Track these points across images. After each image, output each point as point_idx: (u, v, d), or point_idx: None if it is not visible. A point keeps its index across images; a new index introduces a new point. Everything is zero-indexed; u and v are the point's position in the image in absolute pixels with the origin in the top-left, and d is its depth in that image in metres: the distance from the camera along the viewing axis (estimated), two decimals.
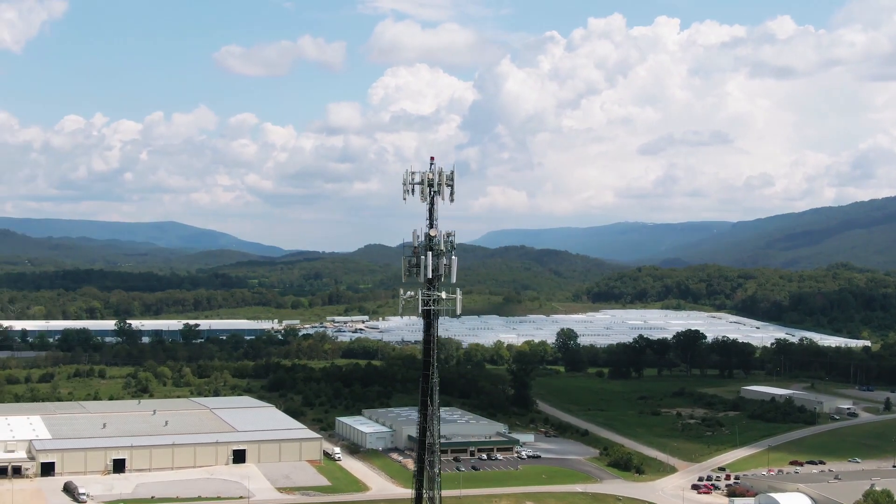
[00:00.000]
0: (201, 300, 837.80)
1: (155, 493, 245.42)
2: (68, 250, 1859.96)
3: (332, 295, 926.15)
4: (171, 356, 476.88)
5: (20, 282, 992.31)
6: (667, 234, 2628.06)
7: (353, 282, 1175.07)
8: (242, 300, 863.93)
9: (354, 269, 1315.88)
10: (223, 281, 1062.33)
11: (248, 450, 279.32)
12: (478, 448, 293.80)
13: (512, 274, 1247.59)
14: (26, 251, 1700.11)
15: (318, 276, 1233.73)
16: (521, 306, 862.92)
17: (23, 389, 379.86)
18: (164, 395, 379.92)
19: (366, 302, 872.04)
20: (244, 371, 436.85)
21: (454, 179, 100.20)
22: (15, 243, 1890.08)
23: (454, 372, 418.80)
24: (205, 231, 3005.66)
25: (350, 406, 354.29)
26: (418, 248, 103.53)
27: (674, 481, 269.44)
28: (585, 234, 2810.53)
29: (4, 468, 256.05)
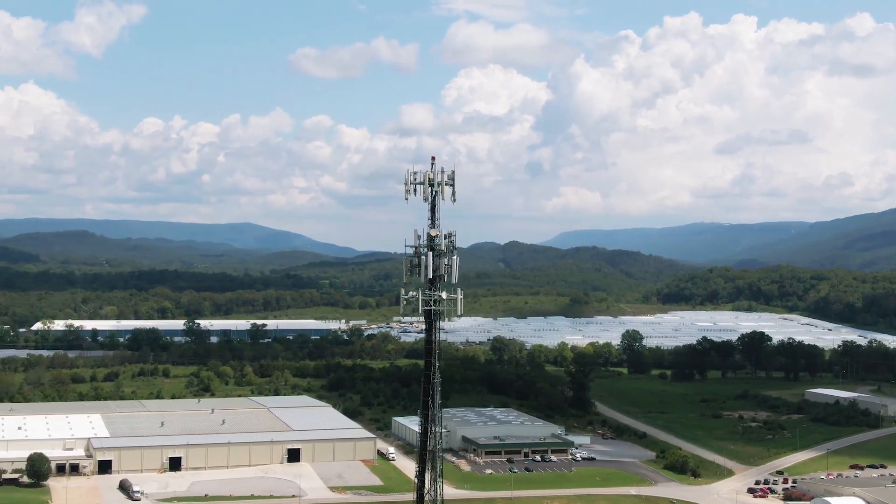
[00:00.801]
0: (270, 300, 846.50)
1: (209, 491, 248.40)
2: (146, 251, 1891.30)
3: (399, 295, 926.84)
4: (236, 356, 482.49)
5: (96, 282, 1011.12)
6: (743, 235, 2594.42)
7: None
8: (311, 300, 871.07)
9: None
10: (294, 282, 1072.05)
11: (303, 449, 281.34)
12: (532, 449, 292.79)
13: (582, 275, 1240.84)
14: (104, 252, 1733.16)
15: (388, 277, 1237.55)
16: (588, 307, 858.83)
17: (87, 388, 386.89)
18: (225, 394, 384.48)
19: None
20: (305, 370, 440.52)
21: (455, 179, 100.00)
22: (94, 244, 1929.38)
23: (512, 373, 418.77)
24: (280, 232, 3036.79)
25: (407, 406, 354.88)
26: (418, 247, 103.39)
27: (730, 485, 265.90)
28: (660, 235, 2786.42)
29: (63, 466, 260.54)
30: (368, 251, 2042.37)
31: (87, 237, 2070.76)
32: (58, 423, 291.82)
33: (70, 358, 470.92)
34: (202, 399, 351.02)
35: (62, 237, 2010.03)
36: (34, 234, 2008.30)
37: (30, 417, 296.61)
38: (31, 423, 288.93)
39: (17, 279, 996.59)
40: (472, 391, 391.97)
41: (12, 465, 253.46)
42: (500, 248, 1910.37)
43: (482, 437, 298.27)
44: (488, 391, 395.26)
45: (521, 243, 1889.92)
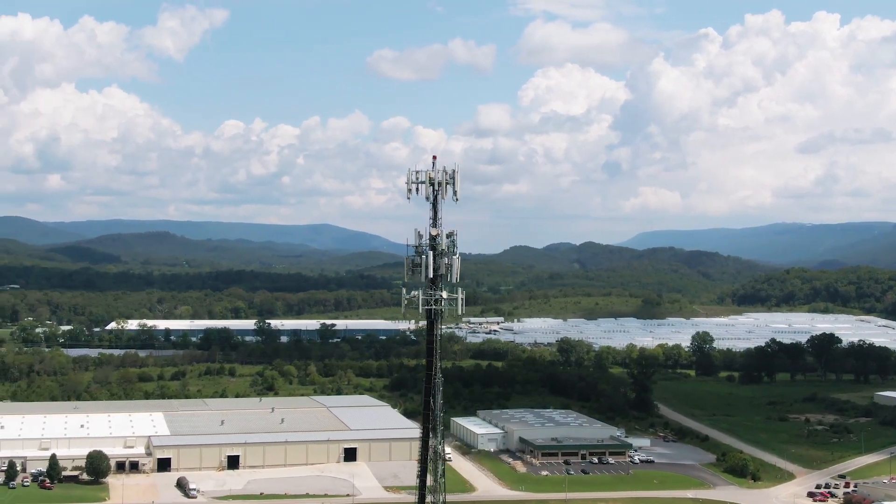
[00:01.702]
0: (342, 301, 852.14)
1: (264, 490, 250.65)
2: (225, 252, 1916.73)
3: (469, 296, 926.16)
4: (304, 355, 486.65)
5: (174, 282, 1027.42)
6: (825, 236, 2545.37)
7: (495, 283, 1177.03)
8: (381, 301, 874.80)
9: (497, 271, 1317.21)
10: (367, 282, 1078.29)
11: (359, 448, 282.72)
12: (589, 451, 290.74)
13: (657, 276, 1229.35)
14: (185, 253, 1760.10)
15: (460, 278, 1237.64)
16: (660, 309, 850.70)
17: (153, 387, 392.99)
18: (288, 393, 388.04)
19: (502, 303, 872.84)
20: (368, 370, 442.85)
21: (456, 178, 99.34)
22: (174, 245, 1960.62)
23: (574, 375, 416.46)
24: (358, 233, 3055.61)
25: (468, 407, 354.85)
26: (419, 247, 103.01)
27: (789, 489, 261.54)
28: (740, 235, 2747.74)
29: (122, 463, 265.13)
30: None
31: (168, 238, 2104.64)
32: (120, 421, 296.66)
33: (141, 357, 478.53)
34: (264, 398, 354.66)
35: (144, 238, 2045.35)
36: (117, 236, 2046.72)
37: (93, 416, 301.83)
38: (94, 422, 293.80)
39: (96, 279, 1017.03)
40: (534, 392, 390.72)
41: (73, 462, 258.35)
42: (575, 248, 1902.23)
43: (539, 438, 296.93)
44: (550, 392, 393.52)
45: (596, 244, 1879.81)
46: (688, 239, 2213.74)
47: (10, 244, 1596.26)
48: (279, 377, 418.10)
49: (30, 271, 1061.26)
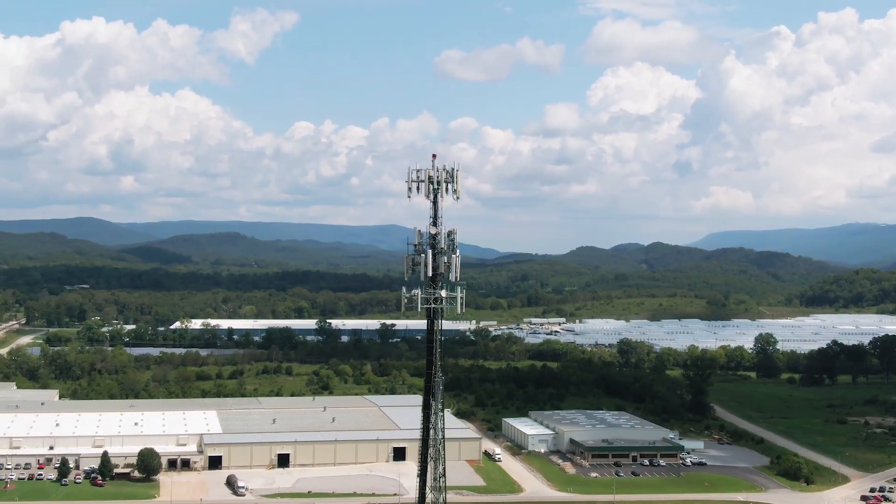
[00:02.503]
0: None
1: (312, 488, 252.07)
2: (294, 253, 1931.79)
3: (532, 297, 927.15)
4: (362, 355, 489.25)
5: (241, 283, 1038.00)
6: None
7: (560, 284, 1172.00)
8: None
9: (563, 272, 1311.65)
10: None
11: (408, 448, 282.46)
12: (640, 453, 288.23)
13: (725, 277, 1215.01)
14: (254, 253, 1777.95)
15: (525, 278, 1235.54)
16: (725, 310, 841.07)
17: (210, 385, 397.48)
18: (343, 392, 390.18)
19: (564, 304, 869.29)
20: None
21: (455, 177, 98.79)
22: (244, 246, 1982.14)
23: (630, 376, 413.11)
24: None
25: (521, 407, 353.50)
26: (418, 245, 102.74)
27: (843, 492, 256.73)
28: (813, 236, 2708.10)
29: (174, 461, 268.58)
30: (510, 252, 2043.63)
31: (238, 239, 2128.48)
32: (174, 419, 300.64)
33: (202, 356, 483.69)
34: (318, 397, 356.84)
35: (215, 239, 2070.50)
36: (188, 236, 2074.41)
37: (147, 414, 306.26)
38: (148, 420, 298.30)
39: (165, 279, 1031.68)
40: (588, 393, 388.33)
41: (125, 459, 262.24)
42: (643, 249, 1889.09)
43: (590, 439, 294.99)
44: (605, 394, 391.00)
45: (665, 244, 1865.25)
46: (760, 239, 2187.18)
47: (83, 245, 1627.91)
48: (334, 376, 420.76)
49: (100, 272, 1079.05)
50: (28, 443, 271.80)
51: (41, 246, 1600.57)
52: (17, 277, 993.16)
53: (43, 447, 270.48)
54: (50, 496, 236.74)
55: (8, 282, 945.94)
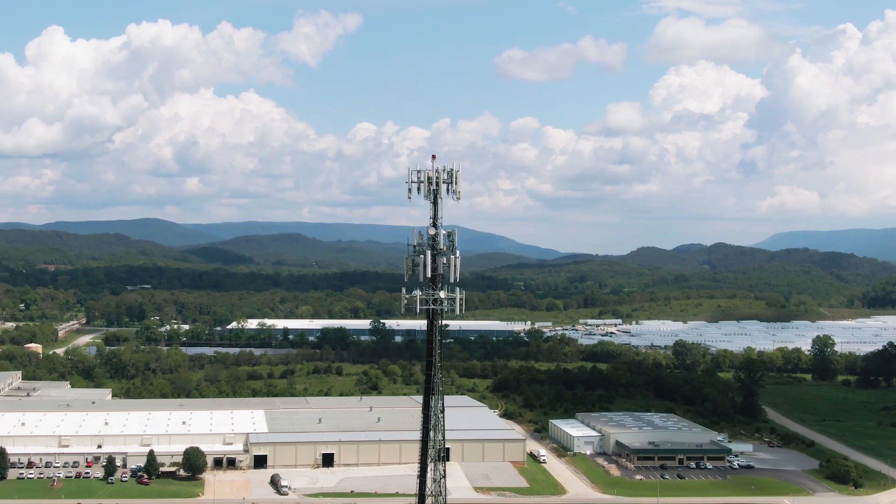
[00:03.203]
0: None
1: (355, 488, 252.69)
2: (355, 253, 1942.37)
3: (588, 298, 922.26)
4: (414, 355, 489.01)
5: (300, 283, 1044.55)
6: None
7: (618, 285, 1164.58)
8: (498, 302, 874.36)
9: (622, 272, 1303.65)
10: (488, 283, 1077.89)
11: (452, 448, 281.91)
12: (687, 456, 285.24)
13: (787, 278, 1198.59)
14: (315, 254, 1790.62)
15: (583, 279, 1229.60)
16: (785, 312, 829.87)
17: (261, 385, 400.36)
18: (391, 392, 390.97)
19: (621, 305, 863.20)
20: (472, 371, 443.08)
21: (455, 178, 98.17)
22: (306, 247, 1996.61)
23: (680, 378, 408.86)
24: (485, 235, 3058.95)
25: (570, 409, 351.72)
26: (417, 246, 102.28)
27: (892, 496, 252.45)
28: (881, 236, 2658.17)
29: (220, 459, 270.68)
30: (570, 253, 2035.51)
31: (299, 240, 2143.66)
32: (221, 418, 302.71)
33: (255, 356, 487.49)
34: (365, 397, 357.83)
35: (277, 240, 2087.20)
36: (251, 237, 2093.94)
37: (196, 413, 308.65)
38: (196, 419, 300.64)
39: (226, 280, 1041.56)
40: (638, 395, 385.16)
41: (171, 458, 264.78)
42: (705, 249, 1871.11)
43: (636, 442, 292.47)
44: (655, 396, 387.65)
45: (728, 245, 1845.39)
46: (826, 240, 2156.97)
47: (148, 245, 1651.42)
48: (383, 376, 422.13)
49: (162, 272, 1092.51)
50: (76, 441, 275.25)
51: (106, 247, 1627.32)
52: (80, 278, 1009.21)
53: (91, 446, 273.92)
54: (95, 494, 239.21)
55: (71, 282, 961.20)
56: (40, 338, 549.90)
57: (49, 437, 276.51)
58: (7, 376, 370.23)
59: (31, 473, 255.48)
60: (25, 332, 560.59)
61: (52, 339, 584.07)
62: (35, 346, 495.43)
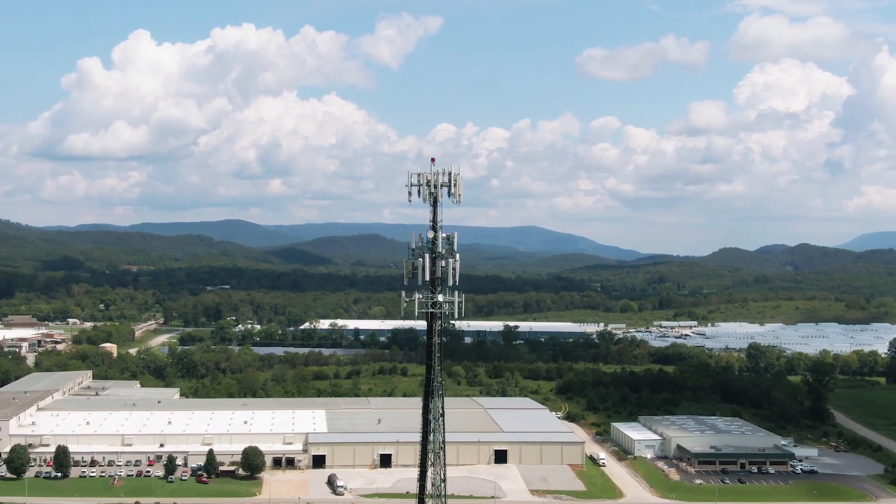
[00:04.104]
0: (531, 303, 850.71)
1: (411, 489, 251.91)
2: None
3: (664, 299, 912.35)
4: (482, 356, 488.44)
5: (376, 283, 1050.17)
6: None
7: (697, 286, 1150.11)
8: (571, 303, 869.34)
9: (701, 274, 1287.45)
10: (564, 284, 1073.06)
11: (510, 450, 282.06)
12: (749, 460, 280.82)
13: (871, 279, 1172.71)
14: (394, 255, 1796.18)
15: (661, 280, 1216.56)
16: (865, 314, 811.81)
17: (326, 385, 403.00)
18: (454, 393, 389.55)
19: (697, 307, 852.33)
20: (537, 373, 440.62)
21: (453, 181, 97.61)
22: (384, 248, 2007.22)
23: (747, 381, 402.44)
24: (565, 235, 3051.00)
25: (634, 412, 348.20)
26: (416, 250, 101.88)
27: None
28: None
29: (279, 459, 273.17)
30: (651, 254, 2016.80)
31: (378, 241, 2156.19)
32: (283, 418, 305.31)
33: (324, 356, 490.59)
34: None
35: (356, 241, 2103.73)
36: (331, 238, 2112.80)
37: (258, 412, 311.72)
38: (258, 418, 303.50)
39: (304, 280, 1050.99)
40: (704, 399, 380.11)
41: (231, 457, 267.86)
42: (788, 250, 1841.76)
43: (697, 446, 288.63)
44: (722, 399, 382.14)
45: (811, 246, 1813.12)
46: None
47: (230, 246, 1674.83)
48: (446, 378, 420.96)
49: (242, 273, 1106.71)
50: (139, 440, 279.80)
51: (189, 247, 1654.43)
52: (161, 278, 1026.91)
53: (153, 445, 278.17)
54: (154, 493, 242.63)
55: (152, 282, 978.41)
56: (116, 338, 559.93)
57: (112, 435, 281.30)
58: (77, 375, 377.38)
59: (93, 472, 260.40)
60: (102, 332, 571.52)
61: (129, 339, 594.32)
62: (109, 346, 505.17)
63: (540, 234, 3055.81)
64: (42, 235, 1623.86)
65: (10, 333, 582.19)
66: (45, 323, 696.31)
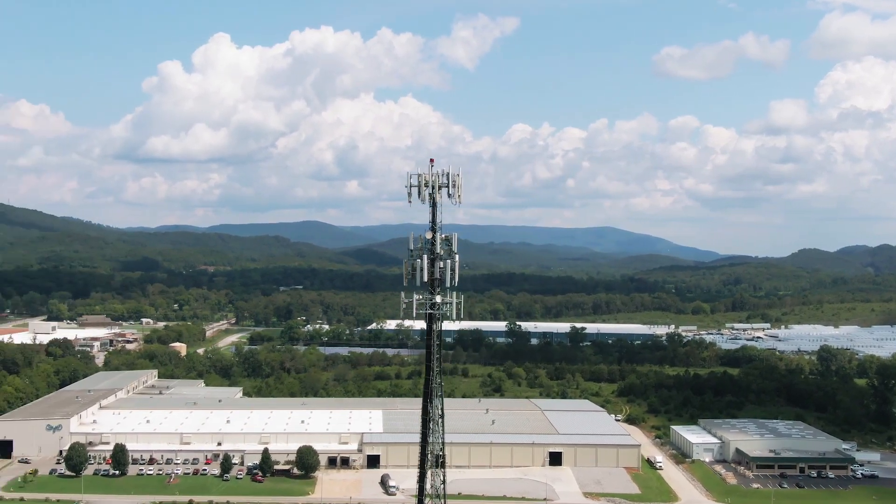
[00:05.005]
0: (600, 304, 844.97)
1: (463, 490, 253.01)
2: (506, 255, 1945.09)
3: (737, 301, 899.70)
4: (547, 358, 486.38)
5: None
6: None
7: (774, 288, 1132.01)
8: (641, 305, 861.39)
9: (779, 275, 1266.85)
10: (637, 286, 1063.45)
11: (565, 453, 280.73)
12: (808, 465, 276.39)
13: None
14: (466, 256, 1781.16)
15: (737, 282, 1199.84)
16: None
17: (386, 385, 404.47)
18: (514, 394, 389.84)
19: (771, 309, 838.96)
20: (599, 375, 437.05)
21: (451, 181, 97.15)
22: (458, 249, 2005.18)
23: (813, 384, 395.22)
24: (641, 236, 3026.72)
25: (696, 415, 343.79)
26: (414, 251, 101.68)
27: None
28: None
29: (334, 458, 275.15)
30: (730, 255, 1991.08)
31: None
32: (339, 417, 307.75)
33: (387, 356, 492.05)
34: (484, 399, 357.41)
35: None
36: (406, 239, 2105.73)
37: (317, 412, 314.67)
38: (316, 418, 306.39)
39: (376, 281, 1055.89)
40: (768, 402, 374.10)
41: (286, 456, 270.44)
42: (869, 251, 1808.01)
43: (756, 449, 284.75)
44: (786, 402, 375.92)
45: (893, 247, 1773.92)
46: None
47: (305, 247, 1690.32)
48: (507, 379, 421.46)
49: (315, 273, 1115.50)
50: (197, 439, 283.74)
51: (265, 248, 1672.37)
52: (236, 278, 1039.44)
53: (211, 443, 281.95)
54: (209, 491, 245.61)
55: (227, 283, 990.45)
56: (187, 337, 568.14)
57: (171, 434, 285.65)
58: (143, 375, 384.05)
59: (151, 470, 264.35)
60: (172, 332, 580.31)
61: (200, 338, 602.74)
62: (178, 346, 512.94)
63: (616, 234, 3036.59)
64: (122, 236, 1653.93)
65: (83, 333, 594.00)
66: (119, 323, 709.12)
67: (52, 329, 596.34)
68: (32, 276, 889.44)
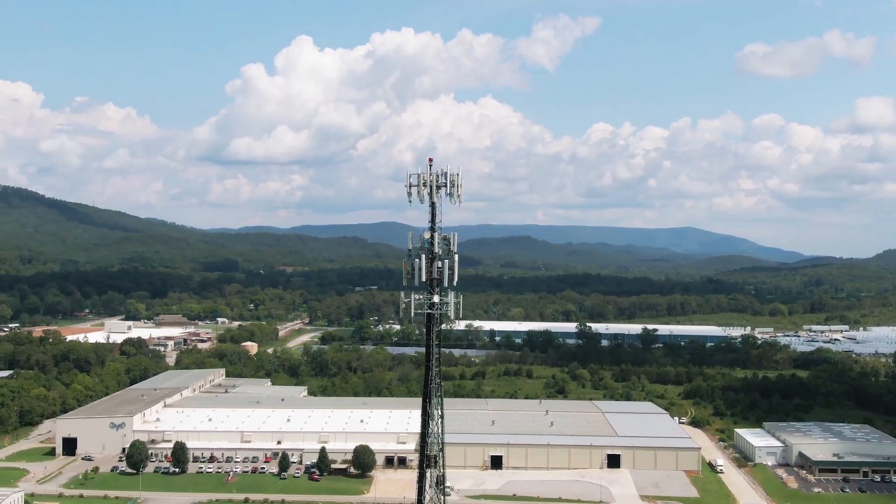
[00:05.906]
0: (675, 305, 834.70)
1: (518, 491, 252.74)
2: (584, 255, 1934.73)
3: (815, 303, 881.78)
4: (615, 360, 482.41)
5: (520, 285, 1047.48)
6: None
7: (856, 289, 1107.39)
8: (717, 306, 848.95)
9: (862, 276, 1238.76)
10: (715, 287, 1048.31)
11: (623, 455, 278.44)
12: (872, 469, 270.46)
13: None
14: (545, 257, 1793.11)
15: (818, 283, 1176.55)
16: None
17: (449, 385, 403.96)
18: (577, 396, 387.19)
19: (850, 311, 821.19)
20: (665, 377, 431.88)
21: (453, 181, 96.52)
22: (536, 249, 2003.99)
23: (883, 388, 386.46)
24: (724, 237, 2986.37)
25: (762, 418, 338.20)
26: (412, 250, 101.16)
27: None
28: None
29: (391, 458, 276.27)
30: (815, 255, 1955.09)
31: (529, 242, 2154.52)
32: (399, 417, 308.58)
33: (454, 356, 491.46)
34: (546, 400, 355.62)
35: (507, 242, 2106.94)
36: (484, 240, 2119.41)
37: (377, 411, 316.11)
38: (375, 417, 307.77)
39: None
40: (837, 405, 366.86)
41: (344, 455, 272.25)
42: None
43: (819, 453, 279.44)
44: (856, 405, 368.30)
45: None
46: None
47: (383, 248, 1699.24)
48: (570, 380, 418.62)
49: (391, 274, 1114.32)
50: (257, 437, 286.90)
51: (343, 249, 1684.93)
52: (312, 279, 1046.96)
53: (271, 442, 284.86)
54: (266, 489, 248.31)
55: (303, 283, 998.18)
56: (259, 337, 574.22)
57: (232, 432, 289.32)
58: (210, 373, 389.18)
59: (210, 468, 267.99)
60: (245, 332, 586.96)
61: (272, 338, 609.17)
62: (249, 345, 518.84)
63: (698, 235, 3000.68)
64: (203, 237, 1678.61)
65: (158, 332, 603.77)
66: (195, 322, 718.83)
67: (127, 328, 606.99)
68: (112, 277, 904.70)
